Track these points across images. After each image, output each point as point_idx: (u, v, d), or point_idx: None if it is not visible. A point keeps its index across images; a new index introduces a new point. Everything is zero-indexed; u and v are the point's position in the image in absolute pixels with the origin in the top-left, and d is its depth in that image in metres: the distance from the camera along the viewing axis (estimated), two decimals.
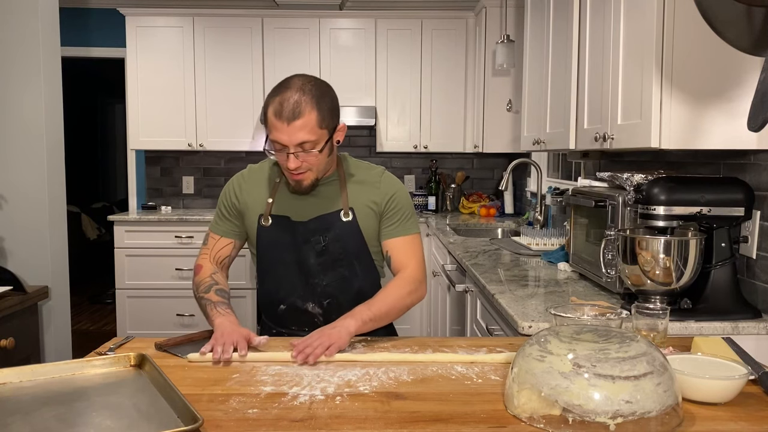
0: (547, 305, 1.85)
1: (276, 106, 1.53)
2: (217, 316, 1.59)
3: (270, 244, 1.72)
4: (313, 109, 1.53)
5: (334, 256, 1.71)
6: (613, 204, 1.97)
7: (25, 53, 2.52)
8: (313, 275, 1.71)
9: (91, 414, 1.12)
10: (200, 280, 1.72)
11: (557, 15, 2.57)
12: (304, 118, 1.52)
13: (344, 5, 4.69)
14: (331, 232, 1.69)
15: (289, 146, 1.54)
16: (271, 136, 1.56)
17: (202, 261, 1.76)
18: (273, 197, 1.71)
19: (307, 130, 1.53)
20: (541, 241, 2.95)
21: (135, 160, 5.02)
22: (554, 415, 1.06)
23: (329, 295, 1.72)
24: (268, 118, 1.55)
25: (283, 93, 1.54)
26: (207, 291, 1.68)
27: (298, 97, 1.53)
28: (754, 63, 1.63)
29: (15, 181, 2.54)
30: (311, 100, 1.54)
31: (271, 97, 1.56)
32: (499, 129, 4.17)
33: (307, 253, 1.70)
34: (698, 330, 1.67)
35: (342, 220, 1.70)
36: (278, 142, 1.55)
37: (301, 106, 1.52)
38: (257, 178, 1.76)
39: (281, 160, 1.59)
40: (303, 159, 1.57)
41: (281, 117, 1.52)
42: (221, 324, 1.54)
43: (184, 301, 4.36)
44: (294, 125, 1.52)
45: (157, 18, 4.55)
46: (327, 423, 1.09)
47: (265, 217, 1.70)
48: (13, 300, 2.25)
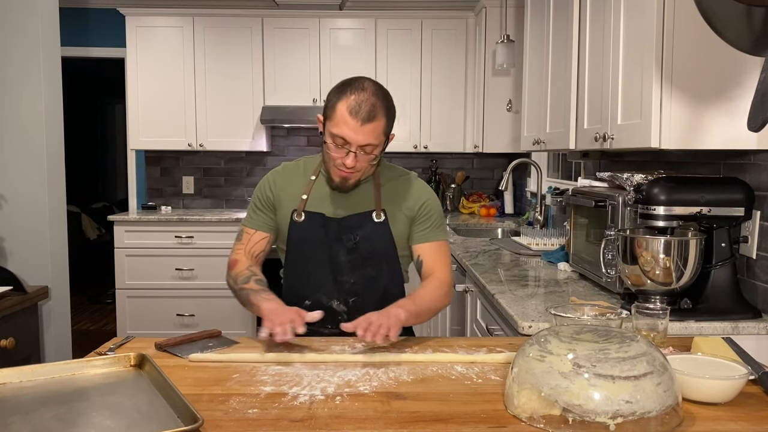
0: (547, 305, 1.85)
1: (352, 104, 1.57)
2: (263, 301, 1.59)
3: (301, 239, 1.74)
4: (384, 115, 1.60)
5: (364, 255, 1.73)
6: (613, 204, 1.97)
7: (25, 53, 2.52)
8: (341, 272, 1.73)
9: (91, 414, 1.12)
10: (237, 273, 1.73)
11: (557, 15, 2.57)
12: (376, 123, 1.58)
13: (344, 5, 4.69)
14: (363, 231, 1.72)
15: (353, 145, 1.58)
16: (337, 130, 1.59)
17: (237, 255, 1.77)
18: (307, 194, 1.73)
19: (375, 135, 1.59)
20: (541, 241, 2.95)
21: (135, 160, 5.02)
22: (554, 415, 1.06)
23: (355, 293, 1.74)
24: (339, 113, 1.58)
25: (359, 93, 1.58)
26: (246, 281, 1.68)
27: (375, 101, 1.58)
28: (754, 63, 1.63)
29: (15, 181, 2.54)
30: (383, 107, 1.60)
31: (343, 94, 1.59)
32: (499, 129, 4.17)
33: (338, 250, 1.72)
34: (698, 330, 1.67)
35: (374, 220, 1.72)
36: (343, 138, 1.58)
37: (376, 110, 1.58)
38: (292, 175, 1.78)
39: (337, 156, 1.61)
40: (359, 160, 1.60)
41: (357, 116, 1.56)
42: (271, 308, 1.55)
43: (184, 301, 4.36)
44: (366, 127, 1.57)
45: (157, 18, 4.55)
46: (327, 423, 1.09)
47: (299, 212, 1.73)
48: (13, 300, 2.25)
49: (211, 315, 4.34)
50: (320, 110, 5.19)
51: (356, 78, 1.64)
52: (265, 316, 1.51)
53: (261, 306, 1.58)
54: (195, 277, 4.35)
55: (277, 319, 1.46)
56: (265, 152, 4.94)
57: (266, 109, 4.52)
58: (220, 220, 4.34)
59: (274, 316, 1.48)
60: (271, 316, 1.49)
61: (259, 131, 4.62)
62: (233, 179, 5.03)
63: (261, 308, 1.57)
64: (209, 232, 4.35)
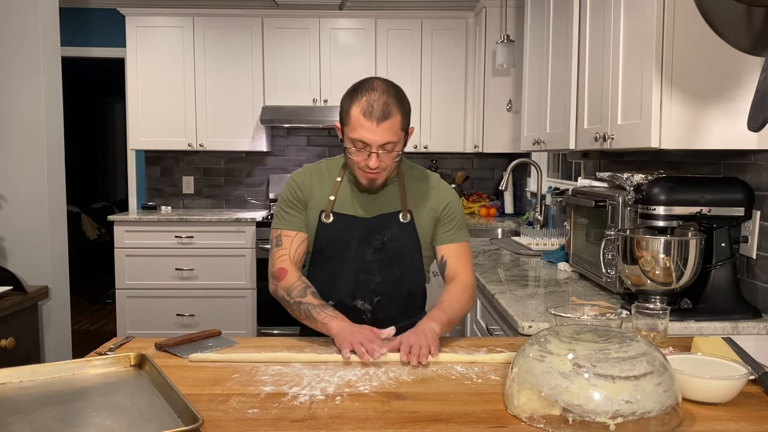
0: (547, 305, 1.85)
1: (365, 105, 1.57)
2: (331, 319, 1.56)
3: (329, 240, 1.73)
4: (398, 111, 1.59)
5: (390, 255, 1.73)
6: (613, 204, 1.97)
7: (25, 53, 2.52)
8: (367, 272, 1.73)
9: (91, 414, 1.12)
10: (290, 285, 1.67)
11: (557, 15, 2.57)
12: (392, 120, 1.58)
13: (344, 5, 4.69)
14: (390, 232, 1.72)
15: (373, 146, 1.58)
16: (354, 134, 1.59)
17: (283, 264, 1.70)
18: (335, 195, 1.73)
19: (392, 132, 1.58)
20: (541, 241, 2.96)
21: (135, 160, 5.02)
22: (554, 415, 1.06)
23: (380, 293, 1.74)
24: (353, 118, 1.59)
25: (369, 94, 1.58)
26: (303, 295, 1.64)
27: (386, 98, 1.58)
28: (754, 63, 1.63)
29: (15, 181, 2.54)
30: (396, 103, 1.59)
31: (355, 98, 1.60)
32: (499, 129, 4.17)
33: (365, 250, 1.72)
34: (698, 330, 1.67)
35: (400, 221, 1.73)
36: (362, 141, 1.59)
37: (389, 107, 1.57)
38: (317, 177, 1.77)
39: (359, 159, 1.62)
40: (382, 159, 1.61)
41: (371, 117, 1.56)
42: (343, 326, 1.52)
43: (184, 301, 4.36)
44: (382, 126, 1.57)
45: (157, 18, 4.55)
46: (327, 423, 1.09)
47: (327, 213, 1.72)
48: (13, 300, 2.24)
49: (211, 315, 4.34)
50: (320, 110, 5.19)
51: (366, 79, 1.64)
52: (340, 335, 1.49)
53: (329, 324, 1.55)
54: (195, 277, 4.35)
55: (356, 339, 1.45)
56: (265, 152, 4.94)
57: (266, 109, 4.52)
58: (220, 220, 4.34)
59: (349, 335, 1.48)
60: (346, 334, 1.48)
61: (259, 131, 4.62)
62: (233, 179, 5.03)
63: (329, 327, 1.55)
64: (209, 232, 4.35)
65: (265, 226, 4.27)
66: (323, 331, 1.57)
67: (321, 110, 4.52)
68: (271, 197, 4.89)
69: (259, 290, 4.29)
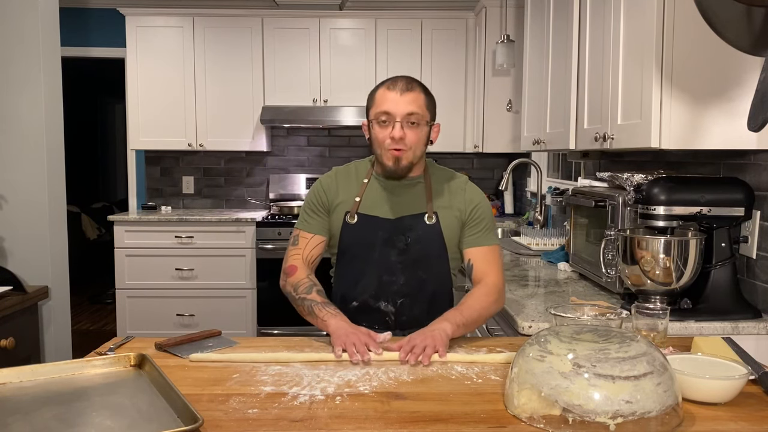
0: (547, 305, 1.85)
1: (389, 83, 1.68)
2: (330, 317, 1.58)
3: (353, 241, 1.74)
4: (421, 90, 1.68)
5: (415, 256, 1.73)
6: (613, 204, 1.97)
7: (25, 53, 2.52)
8: (391, 273, 1.73)
9: (91, 414, 1.12)
10: (297, 281, 1.70)
11: (557, 15, 2.57)
12: (415, 93, 1.66)
13: (344, 5, 4.69)
14: (414, 233, 1.72)
15: (397, 115, 1.63)
16: (379, 108, 1.66)
17: (294, 261, 1.74)
18: (360, 196, 1.74)
19: (416, 104, 1.65)
20: (541, 241, 2.96)
21: (135, 160, 5.02)
22: (554, 415, 1.06)
23: (404, 294, 1.74)
24: (378, 96, 1.67)
25: (393, 78, 1.70)
26: (308, 292, 1.66)
27: (409, 79, 1.69)
28: (754, 63, 1.63)
29: (15, 181, 2.54)
30: (420, 85, 1.70)
31: (380, 84, 1.71)
32: (499, 129, 4.16)
33: (390, 251, 1.72)
34: (698, 330, 1.67)
35: (426, 222, 1.73)
36: (386, 112, 1.64)
37: (413, 83, 1.68)
38: (345, 179, 1.79)
39: (385, 135, 1.65)
40: (407, 132, 1.64)
41: (394, 88, 1.65)
42: (340, 325, 1.54)
43: (184, 301, 4.36)
44: (406, 96, 1.64)
45: (157, 18, 4.55)
46: (327, 423, 1.09)
47: (352, 214, 1.73)
48: (13, 300, 2.24)
49: (211, 315, 4.34)
50: (320, 110, 5.17)
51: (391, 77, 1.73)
52: (335, 334, 1.51)
53: (328, 321, 1.57)
54: (195, 277, 4.35)
55: (351, 339, 1.46)
56: (265, 152, 4.94)
57: (266, 109, 4.52)
58: (220, 220, 4.34)
59: (344, 335, 1.48)
60: (340, 333, 1.49)
61: (259, 131, 4.62)
62: (233, 179, 5.03)
63: (327, 323, 1.57)
64: (209, 232, 4.35)
65: (265, 226, 4.27)
66: (322, 327, 1.59)
67: (321, 110, 4.52)
68: (271, 197, 4.89)
69: (259, 290, 4.29)
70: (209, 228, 4.35)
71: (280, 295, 1.78)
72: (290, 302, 1.72)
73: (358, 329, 1.52)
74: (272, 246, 4.24)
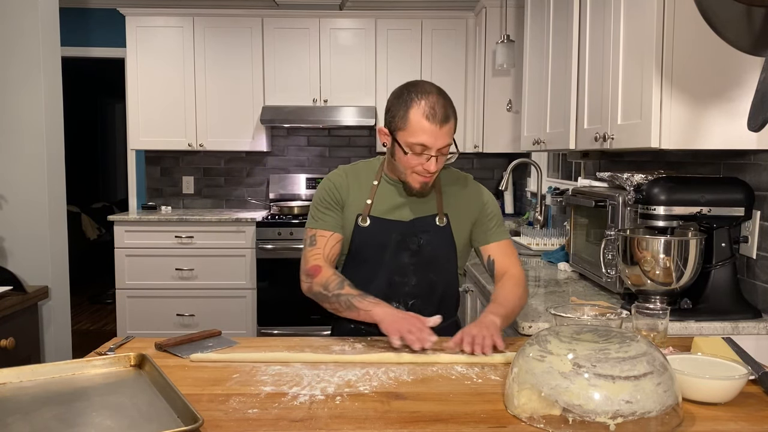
0: (547, 305, 1.85)
1: (427, 109, 1.56)
2: (373, 306, 1.56)
3: (365, 243, 1.72)
4: (453, 114, 1.61)
5: (427, 258, 1.73)
6: (613, 204, 1.97)
7: (25, 53, 2.52)
8: (403, 275, 1.73)
9: (91, 414, 1.12)
10: (326, 280, 1.66)
11: (557, 15, 2.57)
12: (451, 122, 1.60)
13: (344, 5, 4.69)
14: (427, 235, 1.72)
15: (433, 149, 1.58)
16: (414, 139, 1.58)
17: (317, 262, 1.69)
18: (372, 198, 1.72)
19: (450, 134, 1.60)
20: (541, 241, 2.96)
21: (135, 160, 5.02)
22: (554, 415, 1.06)
23: (415, 295, 1.74)
24: (414, 121, 1.57)
25: (427, 97, 1.58)
26: (341, 287, 1.63)
27: (444, 101, 1.59)
28: (754, 63, 1.63)
29: (15, 181, 2.54)
30: (451, 106, 1.61)
31: (410, 101, 1.58)
32: (499, 129, 4.16)
33: (402, 252, 1.72)
34: (698, 330, 1.67)
35: (437, 224, 1.73)
36: (422, 145, 1.58)
37: (447, 110, 1.59)
38: (354, 178, 1.76)
39: (416, 163, 1.61)
40: (438, 162, 1.61)
41: (434, 120, 1.56)
42: (388, 312, 1.53)
43: (184, 301, 4.36)
44: (444, 129, 1.58)
45: (157, 18, 4.55)
46: (327, 423, 1.09)
47: (364, 217, 1.71)
48: (13, 300, 2.24)
49: (211, 315, 4.34)
50: (320, 110, 5.15)
51: (414, 82, 1.64)
52: (385, 322, 1.50)
53: (372, 311, 1.55)
54: (195, 277, 4.35)
55: (404, 326, 1.45)
56: (265, 152, 4.94)
57: (266, 109, 4.52)
58: (220, 220, 4.34)
59: (395, 321, 1.48)
60: (391, 321, 1.48)
61: (259, 131, 4.62)
62: (233, 179, 5.03)
63: (373, 313, 1.55)
64: (209, 232, 4.35)
65: (264, 226, 4.27)
66: (366, 319, 1.56)
67: (321, 110, 4.52)
68: (271, 197, 4.89)
69: (259, 290, 4.28)
70: (209, 228, 4.35)
71: (280, 295, 1.78)
72: (319, 302, 1.69)
73: (407, 314, 1.52)
74: (272, 246, 4.24)
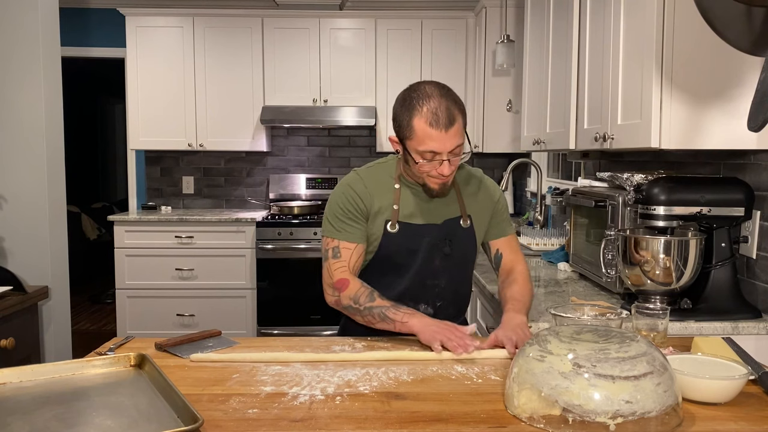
0: (547, 305, 1.85)
1: (430, 116, 1.53)
2: (409, 317, 1.55)
3: (395, 248, 1.70)
4: (459, 113, 1.57)
5: (455, 260, 1.74)
6: (613, 204, 1.97)
7: (25, 53, 2.52)
8: (433, 277, 1.73)
9: (91, 414, 1.12)
10: (355, 293, 1.62)
11: (557, 15, 2.57)
12: (457, 123, 1.55)
13: (344, 5, 4.69)
14: (456, 238, 1.73)
15: (443, 153, 1.56)
16: (423, 146, 1.55)
17: (343, 275, 1.65)
18: (397, 203, 1.69)
19: (459, 135, 1.56)
20: (541, 241, 2.96)
21: (135, 160, 5.02)
22: (554, 415, 1.06)
23: (443, 297, 1.75)
24: (419, 130, 1.54)
25: (428, 102, 1.55)
26: (371, 299, 1.60)
27: (447, 103, 1.55)
28: (754, 63, 1.63)
29: (15, 181, 2.54)
30: (455, 104, 1.57)
31: (413, 109, 1.55)
32: (499, 129, 4.16)
33: (433, 256, 1.71)
34: (698, 330, 1.67)
35: (462, 226, 1.74)
36: (432, 152, 1.56)
37: (452, 111, 1.55)
38: (374, 184, 1.71)
39: (429, 169, 1.59)
40: (453, 163, 1.59)
41: (438, 125, 1.53)
42: (425, 322, 1.53)
43: (184, 301, 4.36)
44: (450, 132, 1.54)
45: (157, 18, 4.55)
46: (327, 423, 1.09)
47: (393, 223, 1.69)
48: (13, 300, 2.24)
49: (211, 315, 4.34)
50: (320, 110, 5.16)
51: (415, 86, 1.60)
52: (424, 332, 1.50)
53: (409, 322, 1.54)
54: (195, 277, 4.35)
55: (444, 334, 1.47)
56: (265, 152, 4.94)
57: (266, 109, 4.52)
58: (220, 220, 4.34)
59: (435, 331, 1.48)
60: (430, 331, 1.49)
61: (259, 131, 4.62)
62: (233, 179, 5.03)
63: (410, 324, 1.54)
64: (209, 232, 4.35)
65: (265, 226, 4.27)
66: (403, 330, 1.55)
67: (321, 110, 4.52)
68: (271, 197, 4.89)
69: (259, 290, 4.28)
70: (209, 228, 4.35)
71: (280, 295, 1.78)
72: (350, 315, 1.66)
73: (445, 324, 1.52)
74: (272, 246, 4.24)
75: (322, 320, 4.21)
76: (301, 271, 4.23)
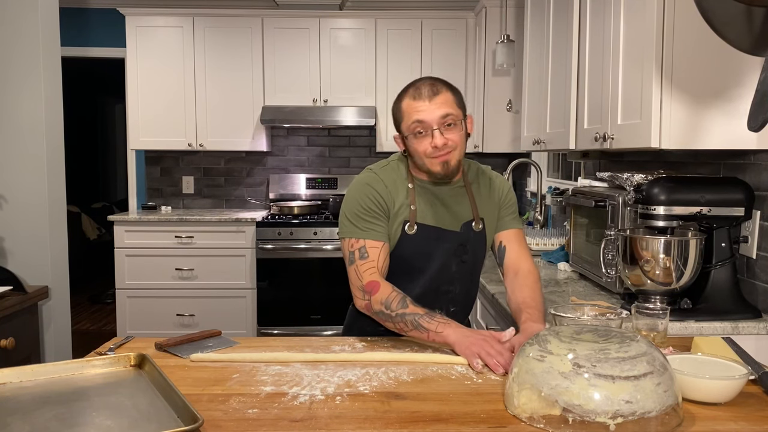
0: (547, 305, 1.85)
1: (412, 92, 1.59)
2: (444, 327, 1.48)
3: (411, 251, 1.66)
4: (447, 89, 1.61)
5: (471, 265, 1.73)
6: (613, 204, 1.97)
7: (25, 53, 2.52)
8: (448, 283, 1.71)
9: (91, 414, 1.12)
10: (387, 298, 1.55)
11: (557, 15, 2.57)
12: (442, 95, 1.58)
13: (344, 5, 4.69)
14: (471, 242, 1.72)
15: (433, 123, 1.56)
16: (411, 120, 1.57)
17: (372, 277, 1.59)
18: (414, 204, 1.66)
19: (448, 105, 1.58)
20: (541, 241, 2.96)
21: (135, 160, 5.02)
22: (554, 415, 1.06)
23: (457, 302, 1.74)
24: (404, 107, 1.59)
25: (415, 83, 1.61)
26: (404, 305, 1.53)
27: (432, 81, 1.61)
28: (754, 63, 1.63)
29: (15, 182, 2.54)
30: (443, 83, 1.62)
31: (403, 93, 1.62)
32: (499, 129, 4.17)
33: (451, 260, 1.69)
34: (698, 330, 1.67)
35: (474, 230, 1.72)
36: (421, 122, 1.56)
37: (437, 85, 1.59)
38: (392, 183, 1.67)
39: (424, 145, 1.58)
40: (447, 137, 1.57)
41: (421, 97, 1.57)
42: (462, 333, 1.46)
43: (184, 301, 4.36)
44: (435, 101, 1.56)
45: (157, 18, 4.55)
46: (327, 423, 1.09)
47: (411, 225, 1.65)
48: (13, 300, 2.24)
49: (211, 315, 4.34)
50: (320, 110, 5.16)
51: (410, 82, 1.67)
52: (461, 344, 1.43)
53: (444, 333, 1.47)
54: (195, 277, 4.35)
55: (483, 348, 1.39)
56: (265, 152, 4.94)
57: (266, 109, 4.52)
58: (220, 220, 4.34)
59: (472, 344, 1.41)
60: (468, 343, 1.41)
61: (259, 131, 4.62)
62: (233, 179, 5.03)
63: (445, 335, 1.47)
64: (209, 232, 4.35)
65: (265, 226, 4.27)
66: (437, 339, 1.48)
67: (321, 110, 4.52)
68: (271, 197, 4.89)
69: (259, 290, 4.28)
70: (209, 228, 4.35)
71: (280, 295, 1.78)
72: (380, 321, 1.59)
73: (481, 333, 1.45)
74: (272, 246, 4.24)
75: (322, 320, 4.21)
76: (301, 271, 4.23)
